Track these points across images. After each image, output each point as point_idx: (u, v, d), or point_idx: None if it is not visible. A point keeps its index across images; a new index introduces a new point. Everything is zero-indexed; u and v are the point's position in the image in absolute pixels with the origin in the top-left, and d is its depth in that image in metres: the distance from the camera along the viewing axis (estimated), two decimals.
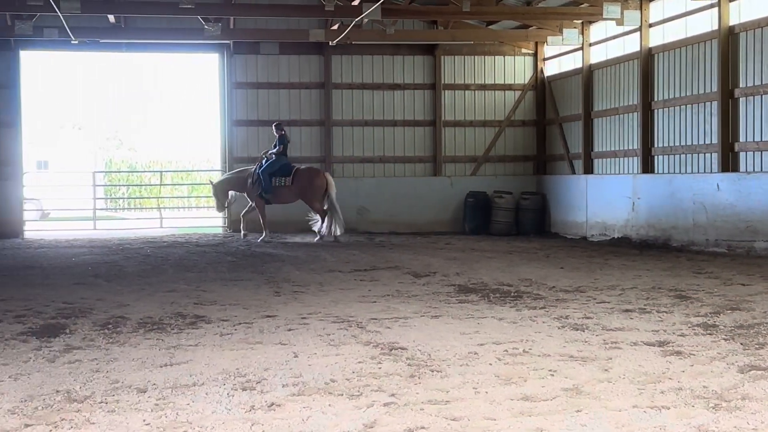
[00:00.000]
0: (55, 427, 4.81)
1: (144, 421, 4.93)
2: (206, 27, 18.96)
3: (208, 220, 25.73)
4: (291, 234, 20.39)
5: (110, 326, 8.16)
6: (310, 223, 20.07)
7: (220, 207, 20.77)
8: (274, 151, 19.84)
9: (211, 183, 20.98)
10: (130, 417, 5.01)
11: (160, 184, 29.56)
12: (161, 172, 31.02)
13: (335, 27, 20.50)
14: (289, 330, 7.92)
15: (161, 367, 6.37)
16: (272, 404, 5.26)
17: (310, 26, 21.49)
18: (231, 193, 20.50)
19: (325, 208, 19.45)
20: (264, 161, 19.81)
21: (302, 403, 5.31)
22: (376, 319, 8.49)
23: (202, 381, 5.89)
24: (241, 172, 20.41)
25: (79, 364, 6.48)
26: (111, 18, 20.13)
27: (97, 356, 6.76)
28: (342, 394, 5.51)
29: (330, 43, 20.89)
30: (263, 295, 10.53)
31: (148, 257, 15.90)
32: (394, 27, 20.19)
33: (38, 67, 51.82)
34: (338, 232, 19.37)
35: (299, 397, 5.46)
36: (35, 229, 23.53)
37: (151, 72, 70.62)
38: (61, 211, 30.84)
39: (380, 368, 6.26)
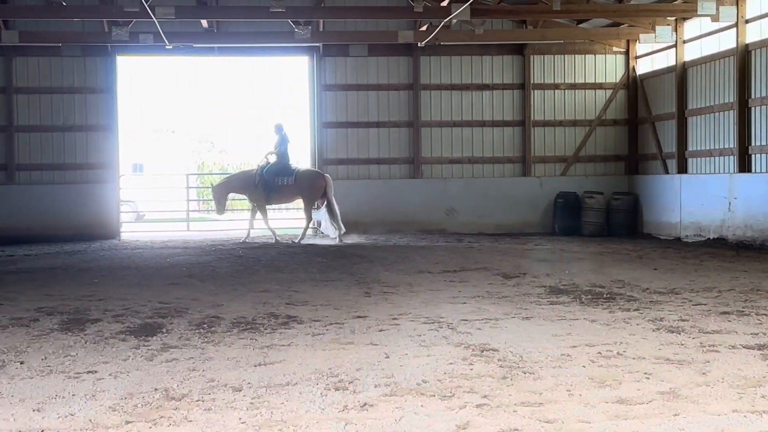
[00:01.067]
0: (155, 424, 4.92)
1: (240, 419, 5.00)
2: (296, 30, 19.17)
3: (297, 222, 25.95)
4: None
5: (205, 326, 8.31)
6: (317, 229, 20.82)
7: (221, 210, 20.87)
8: (276, 152, 20.23)
9: (212, 186, 21.05)
10: (226, 415, 5.09)
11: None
12: None
13: (424, 28, 20.51)
14: (380, 331, 7.95)
15: (255, 366, 6.46)
16: (365, 404, 5.29)
17: (398, 28, 21.53)
18: (230, 196, 21.00)
19: (322, 208, 20.11)
20: (267, 163, 20.23)
21: (395, 403, 5.33)
22: (466, 320, 8.47)
23: (296, 380, 5.95)
24: (242, 175, 21.00)
25: (176, 362, 6.61)
26: (204, 23, 20.53)
27: (193, 355, 6.89)
28: (434, 395, 5.51)
29: (419, 44, 20.92)
30: (353, 295, 10.59)
31: (240, 258, 16.13)
32: (483, 27, 20.09)
33: (133, 71, 53.00)
34: (333, 234, 19.97)
35: (391, 397, 5.48)
36: (131, 231, 24.10)
37: (242, 75, 71.60)
38: (155, 212, 31.52)
39: (472, 369, 6.24)
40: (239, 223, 25.16)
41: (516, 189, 22.52)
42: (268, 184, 19.99)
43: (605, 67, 22.80)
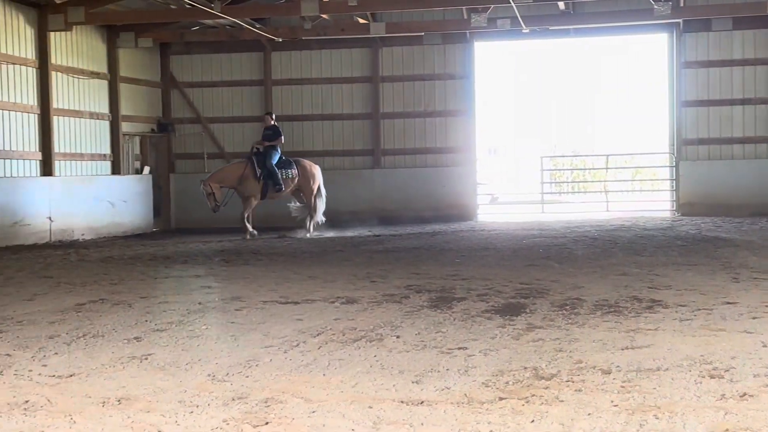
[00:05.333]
0: (527, 402, 5.00)
1: (612, 402, 4.96)
2: (656, 7, 18.59)
3: (654, 204, 25.27)
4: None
5: (567, 307, 8.32)
6: (296, 216, 19.70)
7: (216, 206, 18.95)
8: (274, 142, 18.95)
9: (201, 181, 19.21)
10: (597, 397, 5.07)
11: (606, 168, 29.53)
12: (606, 156, 31.00)
13: None
14: (754, 318, 7.54)
15: (622, 349, 6.37)
16: (744, 394, 5.05)
17: None
18: (224, 190, 19.14)
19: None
20: (259, 153, 18.91)
21: None
22: None
23: (666, 366, 5.80)
24: (235, 167, 19.33)
25: (542, 342, 6.68)
26: (561, 5, 20.52)
27: (559, 336, 6.93)
28: None
29: None
30: (720, 280, 10.12)
31: (595, 240, 15.99)
32: None
33: (490, 56, 54.02)
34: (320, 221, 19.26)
35: None
36: (487, 213, 24.70)
37: (590, 56, 70.65)
38: (509, 195, 32.03)
39: None
40: (594, 206, 24.95)
41: None
42: (274, 177, 18.89)
43: None
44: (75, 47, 20.53)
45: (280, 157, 19.16)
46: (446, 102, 22.95)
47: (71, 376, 5.84)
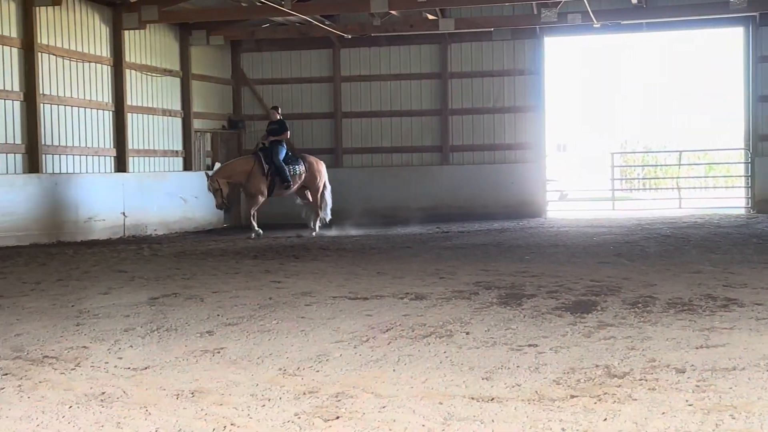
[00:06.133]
0: (599, 400, 4.95)
1: (686, 401, 4.88)
2: (731, 0, 18.24)
3: (728, 201, 24.80)
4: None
5: (639, 305, 8.21)
6: (306, 215, 19.10)
7: (222, 203, 18.07)
8: (280, 137, 18.17)
9: (207, 175, 18.34)
10: (671, 396, 5.00)
11: (678, 164, 29.07)
12: (679, 152, 30.50)
13: None
14: None
15: (697, 348, 6.27)
16: None
17: None
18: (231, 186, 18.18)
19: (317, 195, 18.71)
20: (265, 148, 18.13)
21: None
22: None
23: (743, 365, 5.69)
24: (242, 162, 18.45)
25: (614, 340, 6.60)
26: None
27: (631, 334, 6.84)
28: None
29: None
30: None
31: (667, 238, 15.76)
32: None
33: (557, 52, 53.47)
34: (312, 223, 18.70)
35: None
36: (556, 210, 24.49)
37: (660, 50, 69.54)
38: (578, 191, 31.70)
39: None
40: (666, 203, 24.59)
41: None
42: (282, 173, 18.06)
43: None
44: (148, 45, 20.88)
45: (287, 153, 18.54)
46: (515, 98, 22.82)
47: (146, 368, 5.94)
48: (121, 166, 19.77)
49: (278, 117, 18.55)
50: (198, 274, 11.59)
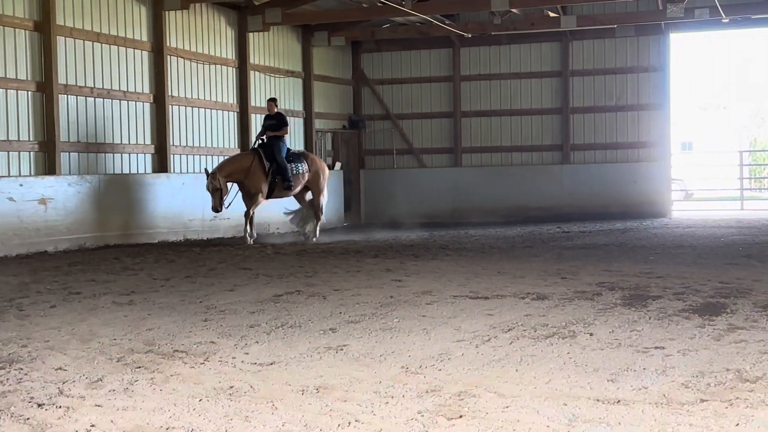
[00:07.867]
0: (730, 404, 4.82)
1: None
2: None
3: None
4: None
5: None
6: (291, 220, 17.80)
7: (219, 204, 16.17)
8: (279, 132, 16.78)
9: (207, 172, 16.30)
10: None
11: None
12: None
13: None
14: None
15: None
16: None
17: None
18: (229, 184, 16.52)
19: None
20: (264, 145, 16.71)
21: None
22: None
23: None
24: (241, 159, 16.92)
25: (746, 344, 6.41)
26: None
27: (763, 338, 6.63)
28: None
29: None
30: None
31: None
32: None
33: (682, 48, 52.15)
34: (307, 229, 17.55)
35: None
36: (680, 209, 23.92)
37: None
38: (704, 191, 30.87)
39: None
40: None
41: None
42: (283, 173, 16.66)
43: None
44: (272, 47, 21.27)
45: (288, 150, 17.13)
46: (638, 95, 22.38)
47: (272, 364, 6.06)
48: None
49: (276, 110, 17.21)
50: (320, 272, 11.75)
